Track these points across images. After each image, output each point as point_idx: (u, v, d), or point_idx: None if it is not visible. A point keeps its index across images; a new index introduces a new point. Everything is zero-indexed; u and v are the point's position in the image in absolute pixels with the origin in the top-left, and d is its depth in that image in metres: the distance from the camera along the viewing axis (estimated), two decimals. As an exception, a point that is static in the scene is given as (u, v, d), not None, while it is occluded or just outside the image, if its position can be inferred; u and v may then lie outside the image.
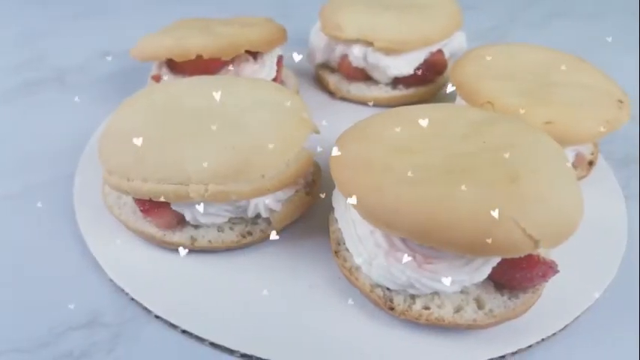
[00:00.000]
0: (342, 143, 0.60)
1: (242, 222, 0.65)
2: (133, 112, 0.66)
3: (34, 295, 0.61)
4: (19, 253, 0.66)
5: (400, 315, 0.55)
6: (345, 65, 0.93)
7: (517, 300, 0.56)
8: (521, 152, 0.55)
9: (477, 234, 0.48)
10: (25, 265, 0.64)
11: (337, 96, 0.96)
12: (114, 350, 0.55)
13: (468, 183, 0.50)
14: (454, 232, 0.48)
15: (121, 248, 0.64)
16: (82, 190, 0.73)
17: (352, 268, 0.59)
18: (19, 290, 0.61)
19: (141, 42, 0.84)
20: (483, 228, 0.48)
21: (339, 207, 0.62)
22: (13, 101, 0.99)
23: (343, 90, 0.95)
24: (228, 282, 0.61)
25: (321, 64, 0.99)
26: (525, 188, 0.50)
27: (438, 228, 0.48)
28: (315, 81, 1.03)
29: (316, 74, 1.02)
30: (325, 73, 0.99)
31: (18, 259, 0.65)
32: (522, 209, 0.49)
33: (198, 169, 0.58)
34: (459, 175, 0.51)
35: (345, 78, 0.95)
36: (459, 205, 0.49)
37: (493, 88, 0.73)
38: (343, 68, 0.94)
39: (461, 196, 0.49)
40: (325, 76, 0.98)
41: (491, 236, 0.48)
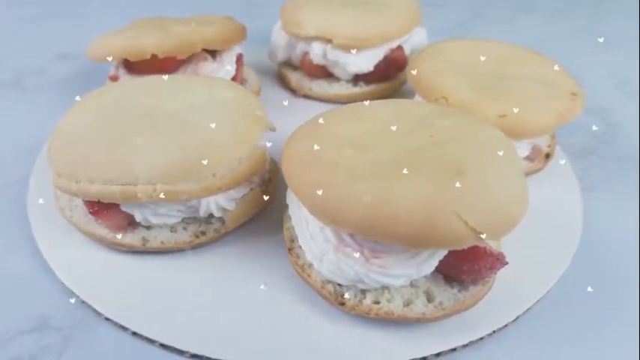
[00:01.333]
0: (293, 139, 0.60)
1: (195, 222, 0.65)
2: (83, 113, 0.65)
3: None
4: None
5: (351, 310, 0.55)
6: (307, 63, 0.93)
7: (467, 292, 0.56)
8: (466, 145, 0.55)
9: (419, 227, 0.48)
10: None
11: (299, 94, 0.96)
12: (64, 353, 0.55)
13: (413, 177, 0.50)
14: (397, 226, 0.48)
15: (72, 251, 0.64)
16: (36, 192, 0.72)
17: (305, 265, 0.59)
18: (-32, 295, 0.60)
19: (95, 42, 0.83)
20: (425, 221, 0.48)
21: (293, 204, 0.62)
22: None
23: (305, 87, 0.95)
24: (180, 283, 0.60)
25: (283, 62, 0.99)
26: (468, 181, 0.50)
27: (382, 222, 0.48)
28: (278, 79, 1.03)
29: (279, 72, 1.01)
30: (287, 71, 0.98)
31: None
32: (464, 202, 0.49)
33: (146, 169, 0.57)
34: (404, 169, 0.51)
35: (307, 75, 0.95)
36: (401, 198, 0.49)
37: (448, 83, 0.74)
38: (304, 66, 0.94)
39: (404, 189, 0.49)
40: (287, 74, 0.98)
41: (433, 229, 0.48)
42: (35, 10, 1.37)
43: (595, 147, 0.88)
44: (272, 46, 0.99)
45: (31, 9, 1.38)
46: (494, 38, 0.89)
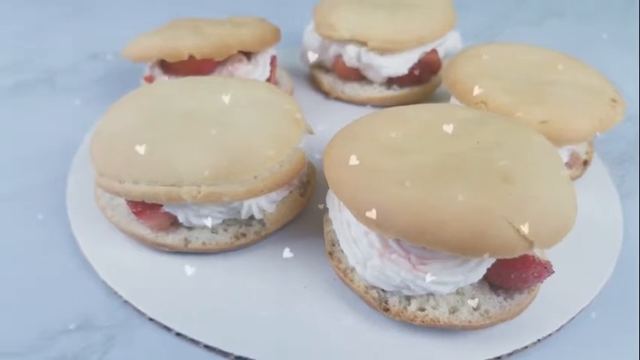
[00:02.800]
0: (335, 143, 0.60)
1: (236, 223, 0.65)
2: (124, 114, 0.65)
3: (26, 298, 0.60)
4: (11, 255, 0.65)
5: (395, 316, 0.55)
6: (339, 65, 0.93)
7: (512, 301, 0.56)
8: (513, 152, 0.54)
9: (470, 234, 0.48)
10: (16, 268, 0.64)
11: (331, 96, 0.96)
12: (108, 353, 0.55)
13: (460, 183, 0.50)
14: (447, 233, 0.48)
15: (113, 250, 0.64)
16: (75, 192, 0.72)
17: (347, 270, 0.59)
18: (10, 293, 0.61)
19: (132, 43, 0.83)
20: (476, 228, 0.48)
21: (333, 208, 0.62)
22: (3, 102, 0.98)
23: (337, 90, 0.95)
24: (222, 284, 0.61)
25: (316, 64, 0.99)
26: (519, 188, 0.50)
27: (431, 228, 0.48)
28: (310, 81, 1.02)
29: (310, 74, 1.01)
30: (319, 74, 0.98)
31: (9, 261, 0.65)
32: (516, 209, 0.48)
33: (191, 171, 0.57)
34: (451, 175, 0.51)
35: (340, 78, 0.95)
36: (452, 205, 0.48)
37: (487, 87, 0.73)
38: (337, 68, 0.94)
39: (454, 196, 0.49)
40: (319, 77, 0.98)
41: (484, 237, 0.47)
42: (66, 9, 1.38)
43: (632, 154, 0.87)
44: (304, 48, 0.99)
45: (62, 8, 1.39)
46: (523, 41, 0.88)
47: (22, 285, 0.62)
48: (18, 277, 0.63)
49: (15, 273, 0.63)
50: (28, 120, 0.93)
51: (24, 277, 0.63)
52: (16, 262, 0.65)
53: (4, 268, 0.64)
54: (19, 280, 0.62)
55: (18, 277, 0.63)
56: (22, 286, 0.62)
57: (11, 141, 0.87)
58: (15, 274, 0.63)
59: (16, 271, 0.63)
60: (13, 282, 0.62)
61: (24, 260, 0.65)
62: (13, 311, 0.59)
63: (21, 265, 0.64)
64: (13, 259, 0.65)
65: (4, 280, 0.62)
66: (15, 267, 0.64)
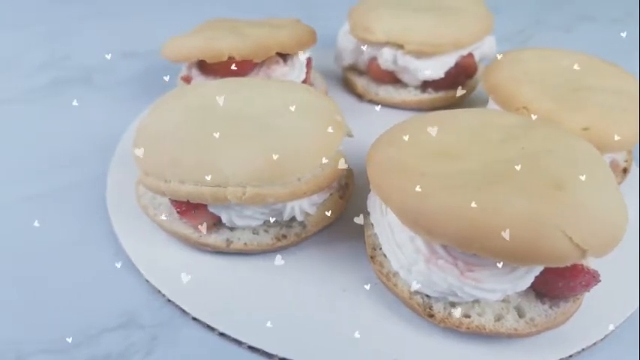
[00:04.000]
0: (379, 147, 0.60)
1: (276, 225, 0.65)
2: (168, 113, 0.65)
3: (69, 296, 0.61)
4: (53, 254, 0.66)
5: (440, 322, 0.54)
6: (374, 68, 0.93)
7: (558, 309, 0.55)
8: (561, 159, 0.54)
9: (521, 242, 0.47)
10: (59, 266, 0.64)
11: (365, 99, 0.96)
12: (152, 352, 0.55)
13: (511, 190, 0.49)
14: (499, 240, 0.47)
15: (155, 249, 0.64)
16: (115, 190, 0.73)
17: (390, 274, 0.58)
18: (54, 290, 0.61)
19: (171, 43, 0.84)
20: (530, 236, 0.47)
21: (375, 212, 0.62)
22: (40, 100, 0.99)
23: (372, 93, 0.95)
24: (263, 285, 0.61)
25: (349, 66, 0.99)
26: (570, 196, 0.49)
27: (483, 236, 0.48)
28: (342, 83, 1.03)
29: (344, 76, 1.01)
30: (353, 76, 0.98)
31: (52, 259, 0.65)
32: (569, 218, 0.48)
33: (236, 172, 0.57)
34: (501, 181, 0.51)
35: (374, 81, 0.95)
36: (503, 212, 0.48)
37: (528, 92, 0.73)
38: (372, 71, 0.93)
39: (505, 202, 0.48)
40: (353, 79, 0.98)
41: (537, 245, 0.47)
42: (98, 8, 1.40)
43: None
44: (338, 50, 0.99)
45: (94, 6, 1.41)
46: (555, 46, 0.87)
47: (65, 283, 0.62)
48: (61, 274, 0.63)
49: (58, 271, 0.64)
50: (64, 118, 0.94)
51: (67, 274, 0.63)
52: (58, 260, 0.65)
53: (48, 266, 0.64)
54: (63, 277, 0.63)
55: (61, 274, 0.63)
56: (65, 284, 0.62)
57: (49, 139, 0.88)
58: (58, 271, 0.64)
59: (59, 268, 0.64)
60: (56, 280, 0.63)
61: (66, 258, 0.65)
62: (56, 309, 0.59)
63: (64, 263, 0.65)
64: (56, 258, 0.65)
65: (48, 277, 0.63)
66: (58, 265, 0.64)
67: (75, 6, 1.41)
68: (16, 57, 1.15)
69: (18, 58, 1.15)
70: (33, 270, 0.64)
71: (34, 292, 0.61)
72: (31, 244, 0.67)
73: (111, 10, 1.39)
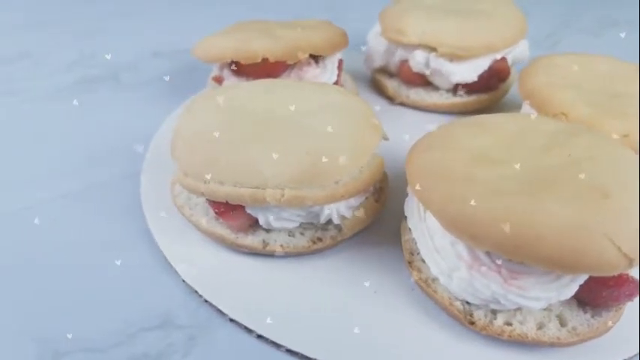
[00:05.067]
0: (419, 150, 0.59)
1: (312, 227, 0.65)
2: (204, 114, 0.65)
3: (105, 295, 0.61)
4: (88, 253, 0.66)
5: (481, 330, 0.54)
6: (405, 70, 0.92)
7: (600, 318, 0.54)
8: (607, 166, 0.53)
9: (568, 250, 0.46)
10: (95, 265, 0.65)
11: (396, 101, 0.96)
12: (190, 353, 0.55)
13: (557, 197, 0.49)
14: (546, 248, 0.46)
15: (191, 249, 0.64)
16: (149, 189, 0.73)
17: (429, 280, 0.58)
18: (91, 290, 0.62)
19: (204, 43, 0.84)
20: (576, 244, 0.46)
21: (413, 216, 0.61)
22: (69, 98, 1.00)
23: (402, 95, 0.94)
24: (300, 288, 0.60)
25: (379, 68, 0.98)
26: (617, 204, 0.48)
27: (530, 243, 0.47)
28: (371, 85, 1.02)
29: (373, 79, 1.01)
30: (383, 78, 0.98)
31: (87, 259, 0.65)
32: (617, 226, 0.47)
33: (275, 174, 0.57)
34: (546, 188, 0.50)
35: (404, 83, 0.94)
36: (551, 219, 0.47)
37: (566, 98, 0.72)
38: (403, 73, 0.93)
39: (552, 210, 0.48)
40: (383, 81, 0.97)
41: (585, 254, 0.46)
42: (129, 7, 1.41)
43: None
44: (369, 52, 0.98)
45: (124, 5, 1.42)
46: (585, 50, 0.87)
47: (101, 281, 0.62)
48: (97, 273, 0.63)
49: (94, 270, 0.64)
50: (93, 116, 0.95)
51: (103, 273, 0.63)
52: (94, 259, 0.65)
53: (84, 265, 0.64)
54: (99, 276, 0.63)
55: (97, 273, 0.63)
56: (101, 283, 0.62)
57: (79, 137, 0.89)
58: (94, 270, 0.64)
59: (94, 267, 0.64)
60: (93, 278, 0.63)
61: (102, 257, 0.65)
62: (92, 309, 0.59)
63: (99, 262, 0.65)
64: (92, 257, 0.66)
65: (85, 276, 0.63)
66: (94, 264, 0.65)
67: (103, 5, 1.42)
68: (44, 55, 1.17)
69: (46, 56, 1.16)
70: (69, 269, 0.64)
71: (71, 291, 0.61)
72: (66, 243, 0.67)
73: (138, 9, 1.40)
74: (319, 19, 0.94)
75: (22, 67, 1.12)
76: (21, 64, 1.13)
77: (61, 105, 0.98)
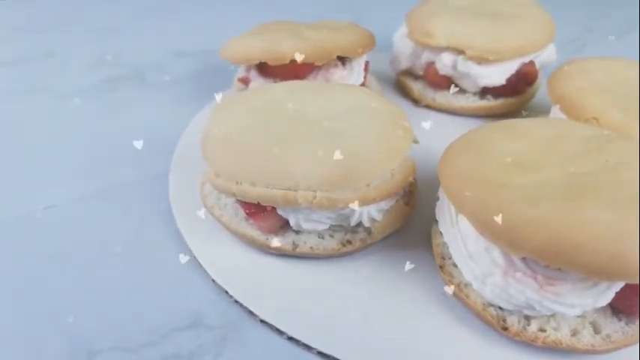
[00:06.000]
0: (452, 155, 0.59)
1: (342, 230, 0.64)
2: (235, 115, 0.66)
3: (136, 295, 0.61)
4: (119, 252, 0.67)
5: (515, 336, 0.53)
6: (432, 73, 0.92)
7: (634, 326, 0.54)
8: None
9: (608, 257, 0.46)
10: (125, 264, 0.65)
11: (421, 104, 0.95)
12: (221, 354, 0.55)
13: (595, 203, 0.48)
14: (586, 255, 0.46)
15: (221, 249, 0.65)
16: (177, 190, 0.73)
17: (461, 285, 0.58)
18: (122, 289, 0.62)
19: (232, 44, 0.84)
20: (615, 251, 0.46)
21: (445, 221, 0.61)
22: (95, 97, 1.01)
23: (428, 98, 0.94)
24: (330, 290, 0.60)
25: (404, 70, 0.98)
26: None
27: (568, 249, 0.46)
28: (395, 87, 1.02)
29: (398, 81, 1.01)
30: (408, 80, 0.97)
31: (118, 258, 0.66)
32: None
33: (307, 175, 0.57)
34: (584, 194, 0.49)
35: (430, 86, 0.94)
36: (590, 226, 0.47)
37: (598, 103, 0.71)
38: (429, 76, 0.93)
39: (591, 216, 0.47)
40: (409, 83, 0.97)
41: (624, 260, 0.46)
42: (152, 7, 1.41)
43: None
44: (395, 54, 0.98)
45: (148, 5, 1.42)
46: (610, 54, 0.86)
47: (133, 281, 0.63)
48: (128, 272, 0.64)
49: (124, 269, 0.64)
50: (119, 116, 0.96)
51: (134, 273, 0.64)
52: (124, 258, 0.66)
53: (114, 265, 0.65)
54: (129, 276, 0.64)
55: (128, 272, 0.64)
56: (133, 282, 0.63)
57: (105, 136, 0.90)
58: (125, 269, 0.64)
59: (125, 267, 0.65)
60: (124, 278, 0.63)
61: (132, 257, 0.66)
62: (123, 308, 0.60)
63: (130, 261, 0.65)
64: (122, 256, 0.66)
65: (116, 275, 0.64)
66: (124, 263, 0.65)
67: (127, 4, 1.43)
68: (69, 55, 1.18)
69: (71, 55, 1.17)
70: (101, 268, 0.65)
71: (104, 291, 0.62)
72: (96, 243, 0.68)
73: (162, 9, 1.41)
74: (345, 21, 0.94)
75: (47, 67, 1.13)
76: (46, 64, 1.14)
77: (86, 104, 0.99)
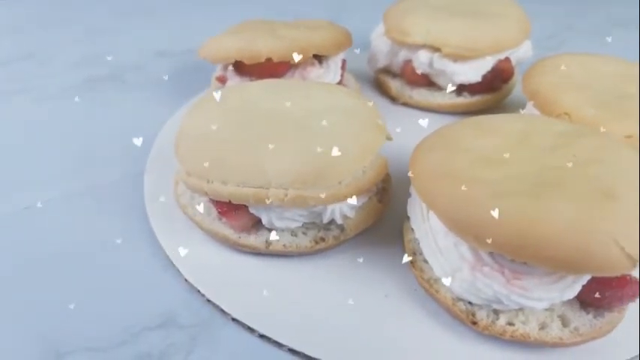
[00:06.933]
0: (423, 151, 0.59)
1: (315, 227, 0.65)
2: (209, 114, 0.65)
3: (108, 294, 0.61)
4: (92, 252, 0.66)
5: (484, 330, 0.54)
6: (409, 71, 0.92)
7: (602, 319, 0.54)
8: (613, 168, 0.53)
9: (573, 251, 0.46)
10: (98, 264, 0.65)
11: (399, 101, 0.96)
12: (192, 352, 0.55)
13: (562, 198, 0.49)
14: (551, 249, 0.46)
15: (194, 249, 0.64)
16: (152, 189, 0.73)
17: (431, 280, 0.58)
18: (94, 289, 0.62)
19: (209, 43, 0.84)
20: (580, 245, 0.46)
21: (416, 217, 0.61)
22: (74, 98, 1.00)
23: (405, 95, 0.94)
24: (303, 288, 0.60)
25: (382, 68, 0.98)
26: (622, 205, 0.48)
27: (534, 243, 0.47)
28: (374, 85, 1.02)
29: (376, 79, 1.01)
30: (386, 78, 0.98)
31: (90, 257, 0.66)
32: (621, 227, 0.47)
33: (279, 174, 0.57)
34: (551, 189, 0.50)
35: (408, 83, 0.94)
36: (555, 220, 0.47)
37: (570, 99, 0.72)
38: (406, 74, 0.93)
39: (557, 210, 0.48)
40: (386, 81, 0.97)
41: (589, 254, 0.46)
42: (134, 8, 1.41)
43: None
44: (372, 52, 0.98)
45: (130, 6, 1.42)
46: (587, 51, 0.86)
47: (104, 281, 0.63)
48: (100, 273, 0.64)
49: (97, 269, 0.64)
50: (98, 116, 0.95)
51: (106, 273, 0.64)
52: (97, 258, 0.66)
53: (87, 265, 0.65)
54: (102, 276, 0.63)
55: (100, 273, 0.64)
56: (104, 283, 0.62)
57: (84, 137, 0.89)
58: (97, 270, 0.64)
59: (97, 267, 0.64)
60: (95, 278, 0.63)
61: (105, 256, 0.66)
62: (95, 308, 0.60)
63: (102, 261, 0.65)
64: (95, 256, 0.66)
65: (88, 276, 0.63)
66: (96, 263, 0.65)
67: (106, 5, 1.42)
68: (49, 55, 1.17)
69: (51, 56, 1.17)
70: (72, 268, 0.64)
71: (74, 290, 0.61)
72: (69, 244, 0.68)
73: (142, 10, 1.40)
74: (323, 19, 0.94)
75: (27, 67, 1.12)
76: (26, 64, 1.13)
77: (66, 105, 0.98)
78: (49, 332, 0.57)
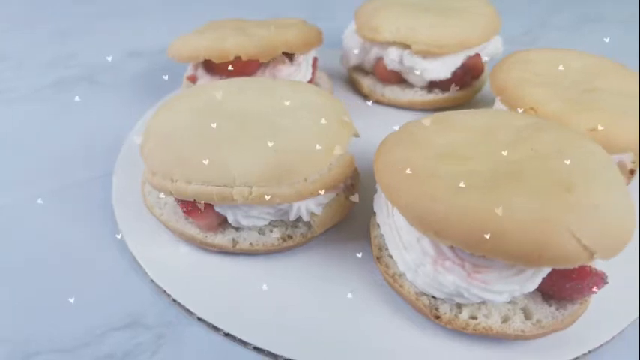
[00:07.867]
0: (386, 148, 0.59)
1: (282, 225, 0.65)
2: (175, 113, 0.65)
3: (74, 295, 0.60)
4: (58, 252, 0.66)
5: (447, 324, 0.54)
6: (380, 68, 0.92)
7: (565, 311, 0.55)
8: (572, 161, 0.53)
9: (531, 244, 0.47)
10: (63, 264, 0.64)
11: (371, 99, 0.96)
12: (157, 352, 0.55)
13: (520, 191, 0.49)
14: (508, 242, 0.47)
15: (161, 249, 0.64)
16: (121, 190, 0.73)
17: (396, 275, 0.58)
18: (58, 290, 0.61)
19: (178, 42, 0.84)
20: (538, 238, 0.47)
21: (382, 212, 0.61)
22: (45, 99, 1.00)
23: (377, 93, 0.95)
24: (269, 285, 0.60)
25: (355, 66, 0.99)
26: (580, 198, 0.49)
27: (492, 237, 0.47)
28: (348, 83, 1.02)
29: (349, 76, 1.01)
30: (359, 76, 0.98)
31: (56, 258, 0.65)
32: (578, 219, 0.47)
33: (243, 172, 0.57)
34: (510, 183, 0.50)
35: (380, 81, 0.95)
36: (512, 213, 0.47)
37: (536, 93, 0.72)
38: (378, 71, 0.93)
39: (514, 204, 0.48)
40: (359, 79, 0.97)
41: (546, 247, 0.47)
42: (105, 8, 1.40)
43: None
44: (345, 50, 0.98)
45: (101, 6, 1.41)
46: (561, 47, 0.87)
47: (71, 282, 0.62)
48: (67, 274, 0.63)
49: (62, 270, 0.64)
50: (69, 117, 0.94)
51: (72, 274, 0.63)
52: (63, 258, 0.65)
53: (51, 266, 0.64)
54: (68, 277, 0.63)
55: (67, 274, 0.63)
56: (71, 284, 0.62)
57: (54, 138, 0.88)
58: (62, 270, 0.64)
59: (63, 267, 0.64)
60: (62, 279, 0.63)
61: (71, 257, 0.65)
62: (60, 309, 0.59)
63: (68, 262, 0.65)
64: (60, 256, 0.65)
65: (54, 277, 0.63)
66: (62, 264, 0.64)
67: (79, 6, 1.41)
68: (22, 56, 1.16)
69: (23, 58, 1.15)
70: (39, 269, 0.64)
71: (40, 292, 0.61)
72: (36, 244, 0.67)
73: (115, 10, 1.39)
74: (294, 18, 0.94)
75: None
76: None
77: (38, 106, 0.97)
78: (16, 334, 0.57)
